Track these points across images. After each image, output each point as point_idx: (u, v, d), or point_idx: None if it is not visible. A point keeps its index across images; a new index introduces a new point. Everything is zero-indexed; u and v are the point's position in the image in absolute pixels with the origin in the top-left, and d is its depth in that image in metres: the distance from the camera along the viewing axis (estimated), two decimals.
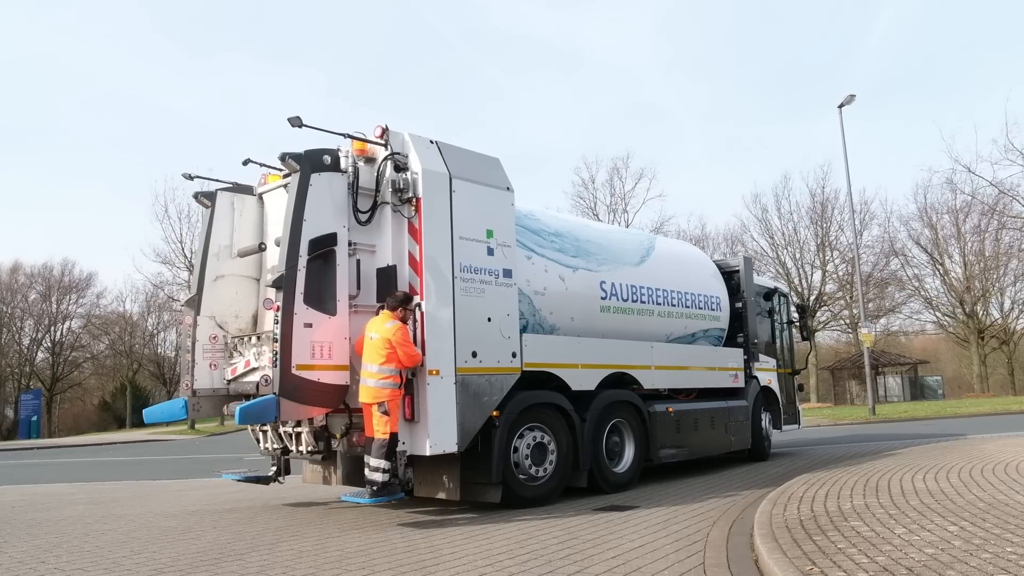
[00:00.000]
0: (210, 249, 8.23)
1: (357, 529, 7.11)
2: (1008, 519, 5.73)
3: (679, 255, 11.99)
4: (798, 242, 46.11)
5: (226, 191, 8.42)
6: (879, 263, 46.19)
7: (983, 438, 14.26)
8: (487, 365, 7.69)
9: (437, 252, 7.42)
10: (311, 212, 7.09)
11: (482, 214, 7.90)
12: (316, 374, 7.01)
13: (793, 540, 5.36)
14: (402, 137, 7.59)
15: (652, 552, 5.62)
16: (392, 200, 7.43)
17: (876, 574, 4.35)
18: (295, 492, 10.63)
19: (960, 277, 47.07)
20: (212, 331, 8.15)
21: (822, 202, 45.29)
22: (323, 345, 7.08)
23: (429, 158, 7.58)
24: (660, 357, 10.17)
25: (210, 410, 8.26)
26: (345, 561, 5.68)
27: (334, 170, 7.37)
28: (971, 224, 45.63)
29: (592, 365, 9.05)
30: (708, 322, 11.53)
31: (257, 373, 7.78)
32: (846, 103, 27.60)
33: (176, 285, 44.40)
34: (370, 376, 7.00)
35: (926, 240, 47.37)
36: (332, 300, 7.18)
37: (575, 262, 9.34)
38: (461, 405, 7.38)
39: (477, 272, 7.74)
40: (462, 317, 7.52)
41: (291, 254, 6.94)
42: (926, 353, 55.69)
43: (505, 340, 7.92)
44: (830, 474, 9.01)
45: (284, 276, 6.90)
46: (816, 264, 45.28)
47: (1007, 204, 39.38)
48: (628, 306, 9.95)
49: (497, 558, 5.58)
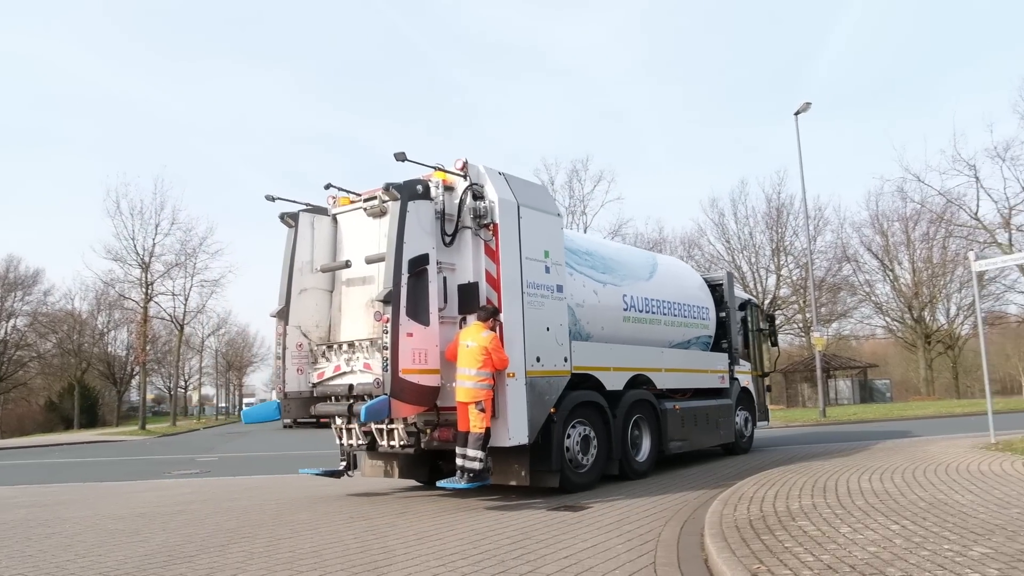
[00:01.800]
0: (295, 265, 9.13)
1: (310, 530, 7.05)
2: (947, 518, 5.91)
3: (676, 271, 13.37)
4: (754, 247, 47.02)
5: (306, 212, 9.33)
6: (832, 268, 47.25)
7: (927, 440, 14.65)
8: (547, 368, 8.81)
9: (510, 271, 8.47)
10: (409, 235, 8.00)
11: (540, 237, 8.98)
12: (416, 377, 7.91)
13: (742, 539, 5.46)
14: (478, 169, 8.63)
15: (604, 552, 5.67)
16: (471, 225, 8.47)
17: (821, 572, 4.45)
18: (249, 494, 10.52)
19: (909, 283, 48.32)
20: (298, 339, 9.08)
21: (777, 207, 46.20)
22: (421, 352, 7.97)
23: (501, 188, 8.63)
24: (668, 361, 11.52)
25: (297, 411, 9.05)
26: (297, 563, 5.64)
27: (425, 198, 8.32)
28: (920, 232, 46.97)
29: (621, 368, 10.32)
30: (699, 330, 12.82)
31: (347, 377, 8.73)
32: (802, 110, 28.11)
33: (128, 283, 43.63)
34: (468, 379, 7.96)
35: (877, 247, 48.59)
36: (426, 312, 8.06)
37: (604, 278, 10.63)
38: (530, 403, 8.44)
39: (539, 288, 8.86)
40: (529, 327, 8.62)
41: (396, 272, 7.85)
42: (875, 357, 56.97)
43: (559, 347, 9.05)
44: (780, 475, 9.19)
45: (392, 292, 7.77)
46: (771, 268, 46.17)
47: (954, 213, 40.71)
48: (644, 316, 11.29)
49: (450, 558, 5.59)
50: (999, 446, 11.38)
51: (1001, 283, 42.90)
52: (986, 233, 38.69)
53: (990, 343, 46.88)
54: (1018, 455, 10.13)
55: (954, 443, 12.88)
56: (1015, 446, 11.08)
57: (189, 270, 45.19)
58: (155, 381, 74.83)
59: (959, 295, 47.64)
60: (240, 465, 17.33)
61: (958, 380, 48.96)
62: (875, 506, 6.62)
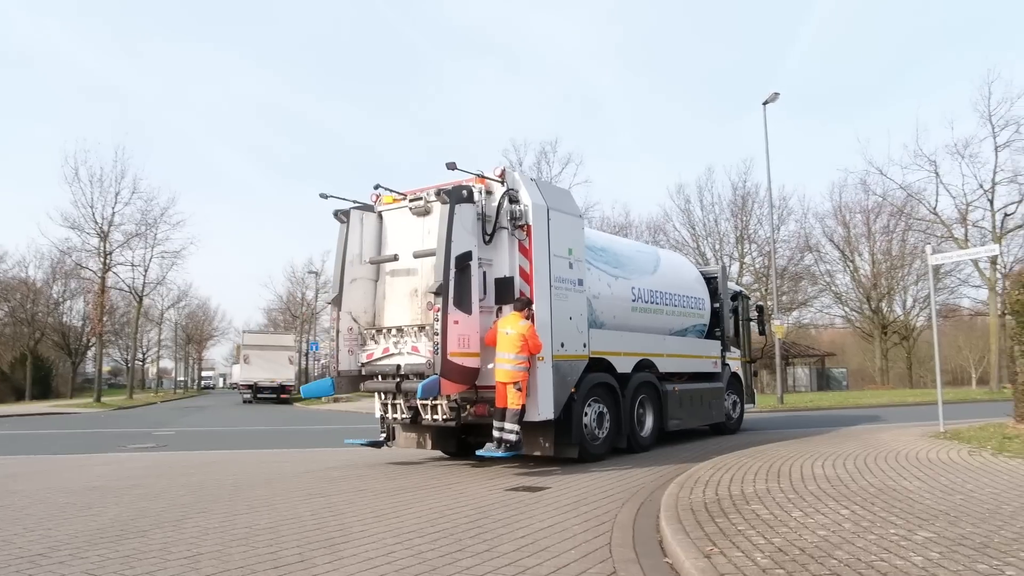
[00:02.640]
0: (347, 257, 10.13)
1: (267, 507, 7.03)
2: (894, 503, 6.07)
3: (676, 265, 14.58)
4: (718, 234, 47.43)
5: (356, 209, 10.36)
6: (794, 257, 47.89)
7: (880, 428, 15.00)
8: (570, 353, 9.88)
9: (541, 266, 9.53)
10: (456, 235, 8.97)
11: (566, 236, 10.02)
12: (461, 360, 8.87)
13: (697, 522, 5.56)
14: (514, 176, 9.66)
15: (560, 532, 5.74)
16: (508, 225, 9.49)
17: (772, 555, 4.55)
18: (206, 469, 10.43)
19: (868, 274, 49.21)
20: (349, 324, 10.07)
21: (743, 196, 46.63)
22: (465, 337, 8.94)
23: (534, 193, 9.65)
24: (670, 347, 12.69)
25: (347, 387, 10.07)
26: (253, 538, 5.62)
27: (469, 201, 9.29)
28: (881, 224, 47.80)
29: (630, 353, 11.45)
30: (696, 319, 14.00)
31: (395, 358, 9.71)
32: (770, 100, 28.35)
33: (86, 252, 42.66)
34: (507, 362, 8.93)
35: (839, 237, 49.37)
36: (469, 303, 9.04)
37: (616, 272, 11.79)
38: (555, 383, 9.50)
39: (563, 282, 9.90)
40: (556, 316, 9.67)
41: (445, 267, 8.80)
42: (833, 346, 58.03)
43: (580, 334, 10.11)
44: (736, 459, 9.34)
45: (442, 285, 8.75)
46: (735, 256, 46.59)
47: (914, 207, 41.32)
48: (649, 306, 12.47)
49: (407, 536, 5.61)
50: (947, 435, 11.70)
51: (956, 277, 43.88)
52: (943, 228, 39.42)
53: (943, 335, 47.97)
54: (964, 444, 10.42)
55: (905, 431, 13.21)
56: (962, 435, 11.40)
57: (149, 241, 44.39)
58: (111, 353, 73.63)
59: (916, 287, 48.69)
60: (198, 440, 17.15)
61: (912, 370, 50.12)
62: (827, 491, 6.78)
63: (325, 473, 9.63)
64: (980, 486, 6.90)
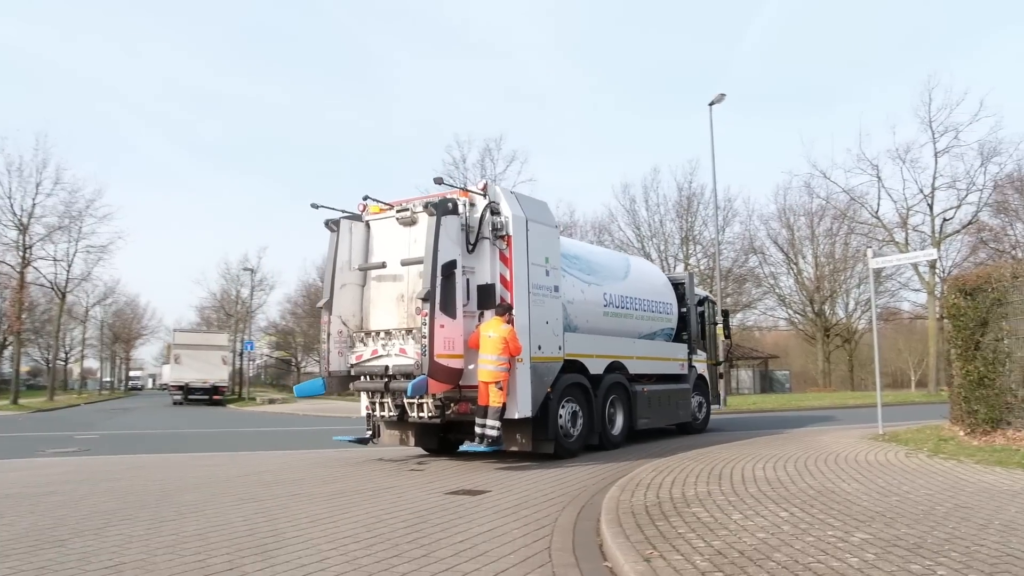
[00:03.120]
0: (337, 264, 10.82)
1: (196, 512, 6.88)
2: (832, 505, 6.24)
3: (645, 271, 15.70)
4: (663, 234, 47.99)
5: (346, 219, 11.07)
6: (739, 259, 48.80)
7: (820, 430, 15.40)
8: (546, 355, 10.72)
9: (520, 274, 10.35)
10: (442, 245, 9.76)
11: (543, 245, 10.87)
12: (447, 361, 9.65)
13: (637, 525, 5.63)
14: (495, 189, 10.53)
15: (500, 536, 5.74)
16: (489, 235, 10.33)
17: (711, 557, 4.63)
18: (132, 473, 10.17)
19: (811, 277, 50.42)
20: (339, 327, 10.78)
21: (688, 196, 47.27)
22: (450, 340, 9.76)
23: (514, 205, 10.52)
24: (639, 350, 13.55)
25: (337, 387, 10.78)
26: (180, 546, 5.49)
27: (454, 213, 10.12)
28: (824, 227, 48.99)
29: (602, 355, 12.28)
30: (664, 323, 14.94)
31: (383, 360, 10.43)
32: (716, 101, 28.81)
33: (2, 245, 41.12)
34: (490, 363, 9.73)
35: (783, 240, 50.44)
36: (454, 308, 9.84)
37: (589, 279, 12.64)
38: (533, 383, 10.30)
39: (541, 288, 10.74)
40: (533, 321, 10.49)
41: (432, 275, 9.60)
42: (777, 348, 59.36)
43: (555, 337, 10.95)
44: (678, 462, 9.49)
45: (429, 291, 9.53)
46: (680, 257, 47.24)
47: (857, 210, 42.59)
48: (620, 311, 13.35)
49: (342, 542, 5.55)
50: (886, 437, 12.08)
51: (896, 280, 45.27)
52: (885, 232, 40.73)
53: (884, 338, 49.55)
54: (902, 446, 10.79)
55: (845, 433, 13.59)
56: (900, 437, 11.78)
57: (74, 234, 43.14)
58: (31, 352, 71.22)
59: (858, 291, 50.04)
60: (124, 443, 16.74)
61: (853, 373, 51.54)
62: (767, 493, 6.93)
63: (259, 477, 9.47)
64: (916, 487, 7.14)
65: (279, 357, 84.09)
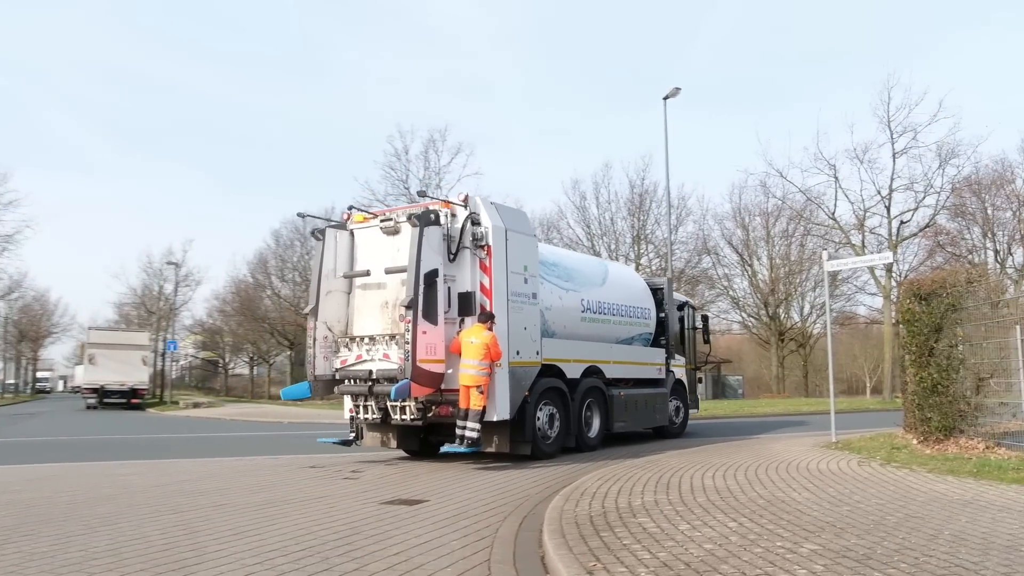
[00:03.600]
0: (323, 271, 11.79)
1: (109, 526, 6.72)
2: (782, 515, 6.39)
3: (623, 276, 16.76)
4: (614, 233, 48.25)
5: (332, 228, 12.12)
6: (692, 260, 49.43)
7: (772, 438, 15.73)
8: (524, 360, 11.65)
9: (499, 282, 11.31)
10: (425, 255, 10.65)
11: (521, 254, 11.85)
12: (429, 365, 10.58)
13: (580, 536, 5.68)
14: (476, 201, 11.46)
15: (437, 548, 5.74)
16: (470, 245, 11.24)
17: (656, 569, 4.70)
18: (35, 485, 9.88)
19: (766, 279, 51.37)
20: (325, 333, 11.74)
21: (641, 194, 47.65)
22: (432, 345, 10.69)
23: (494, 216, 11.45)
24: (616, 354, 14.56)
25: (322, 390, 11.83)
26: (88, 563, 5.35)
27: (436, 224, 11.05)
28: (780, 228, 49.93)
29: (579, 360, 13.26)
30: (642, 328, 15.86)
31: (368, 364, 11.39)
32: (671, 95, 29.10)
33: None
34: (471, 367, 10.62)
35: (738, 240, 51.23)
36: (435, 315, 10.78)
37: (567, 285, 13.65)
38: (511, 387, 11.20)
39: (519, 296, 11.71)
40: (512, 327, 11.46)
41: (415, 284, 10.51)
42: (730, 352, 60.35)
43: (533, 342, 11.93)
44: (626, 470, 9.61)
45: (413, 299, 10.43)
46: (631, 256, 47.68)
47: (813, 211, 43.49)
48: (597, 316, 14.36)
49: (269, 556, 5.48)
50: (839, 445, 12.40)
51: (852, 284, 46.50)
52: (841, 234, 41.70)
53: (839, 343, 50.77)
54: (855, 454, 11.08)
55: (798, 441, 13.91)
56: (853, 445, 12.10)
57: None
58: None
59: (813, 294, 51.12)
60: (28, 452, 16.26)
61: (808, 378, 52.71)
62: (715, 503, 7.05)
63: (179, 486, 9.29)
64: (867, 497, 7.35)
65: (205, 358, 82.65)
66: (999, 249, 41.97)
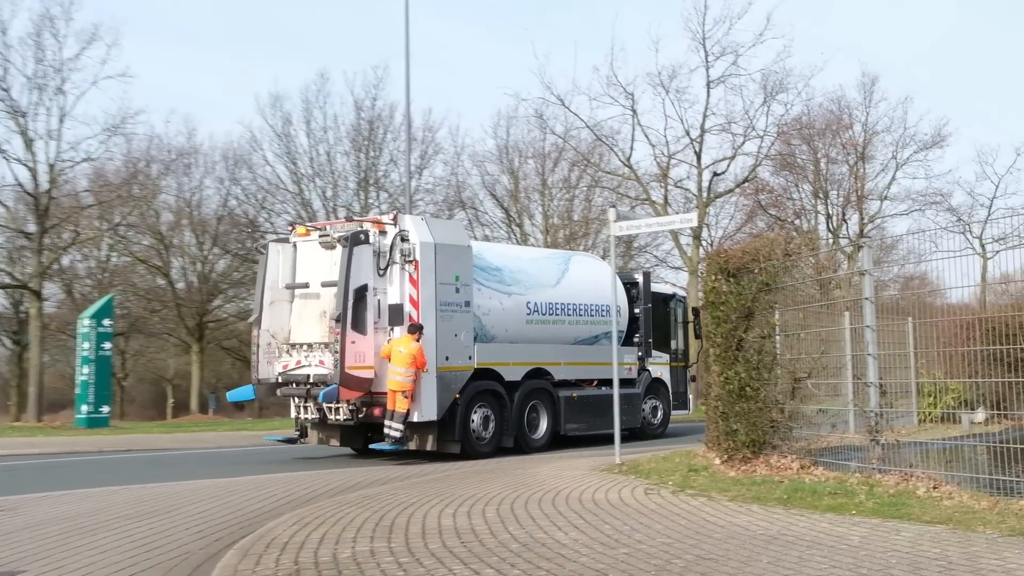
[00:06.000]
0: (267, 283, 17.53)
1: None
2: (541, 562, 6.71)
3: (587, 273, 21.64)
4: (332, 174, 47.27)
5: (275, 242, 18.36)
6: (441, 214, 49.90)
7: (538, 459, 16.47)
8: (454, 365, 17.15)
9: (427, 294, 16.65)
10: (353, 272, 16.09)
11: (452, 265, 17.24)
12: (358, 372, 16.10)
13: None
14: (405, 219, 17.18)
15: None
16: (399, 260, 16.67)
17: None
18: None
19: (540, 243, 52.98)
20: (268, 340, 17.53)
21: (371, 120, 47.28)
22: (361, 354, 16.25)
23: (423, 232, 16.96)
24: (571, 355, 20.04)
25: (266, 393, 18.03)
26: None
27: (366, 242, 16.63)
28: (560, 176, 51.30)
29: (519, 363, 18.73)
30: (607, 326, 18.98)
31: (306, 369, 17.16)
32: None
33: None
34: (399, 374, 15.96)
35: (503, 190, 51.93)
36: (364, 326, 16.37)
37: (510, 289, 18.90)
38: (439, 390, 16.71)
39: (449, 305, 17.12)
40: (441, 334, 16.90)
41: (344, 299, 15.92)
42: None
43: (465, 348, 17.41)
44: (334, 509, 9.67)
45: (341, 313, 15.85)
46: (354, 207, 47.07)
47: (604, 154, 45.16)
48: (547, 318, 19.67)
49: None
50: (624, 468, 13.21)
51: (651, 254, 48.81)
52: (639, 186, 43.53)
53: None
54: (642, 479, 11.83)
55: (572, 463, 14.68)
56: (641, 468, 12.92)
57: None
58: None
59: None
60: None
61: None
62: (454, 550, 7.29)
63: None
64: (651, 535, 7.90)
65: None
66: (832, 213, 45.57)
